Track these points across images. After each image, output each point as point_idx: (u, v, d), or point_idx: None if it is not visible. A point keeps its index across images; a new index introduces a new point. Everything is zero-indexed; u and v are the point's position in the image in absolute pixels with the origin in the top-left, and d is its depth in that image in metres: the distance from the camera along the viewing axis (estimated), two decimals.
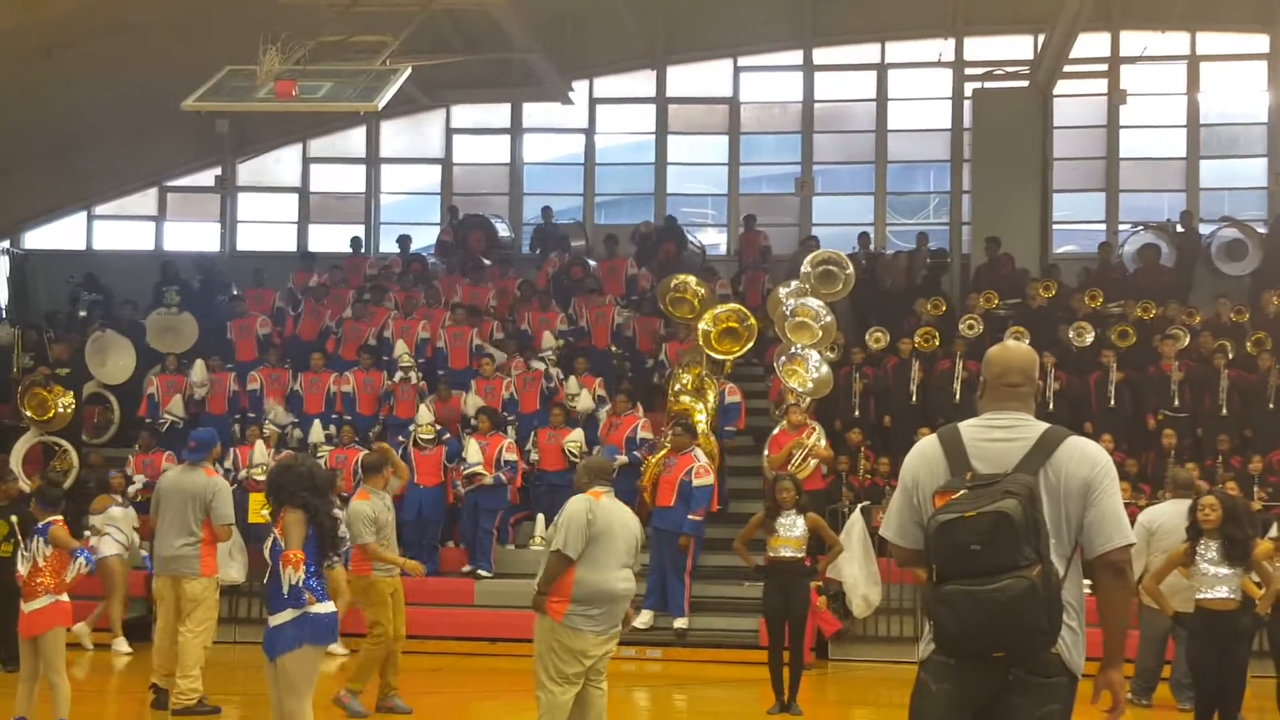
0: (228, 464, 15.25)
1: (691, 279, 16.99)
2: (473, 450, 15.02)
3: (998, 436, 4.38)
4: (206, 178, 22.68)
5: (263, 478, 13.47)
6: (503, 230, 21.20)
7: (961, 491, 4.21)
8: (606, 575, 7.29)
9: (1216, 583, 8.34)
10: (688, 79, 22.16)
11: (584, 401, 16.15)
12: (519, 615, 12.12)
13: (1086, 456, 4.33)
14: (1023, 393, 4.47)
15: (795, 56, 21.85)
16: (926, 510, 4.34)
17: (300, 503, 6.86)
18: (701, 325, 15.83)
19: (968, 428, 4.45)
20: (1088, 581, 4.39)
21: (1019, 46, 21.03)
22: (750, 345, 15.98)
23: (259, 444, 15.66)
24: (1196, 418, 15.96)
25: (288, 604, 6.80)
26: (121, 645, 13.64)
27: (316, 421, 16.25)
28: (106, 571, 13.39)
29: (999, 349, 4.63)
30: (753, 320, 15.98)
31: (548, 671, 7.27)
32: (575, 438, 15.38)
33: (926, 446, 4.51)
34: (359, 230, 22.10)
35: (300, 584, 6.77)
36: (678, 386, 15.46)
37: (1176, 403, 15.92)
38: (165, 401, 17.16)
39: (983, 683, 4.20)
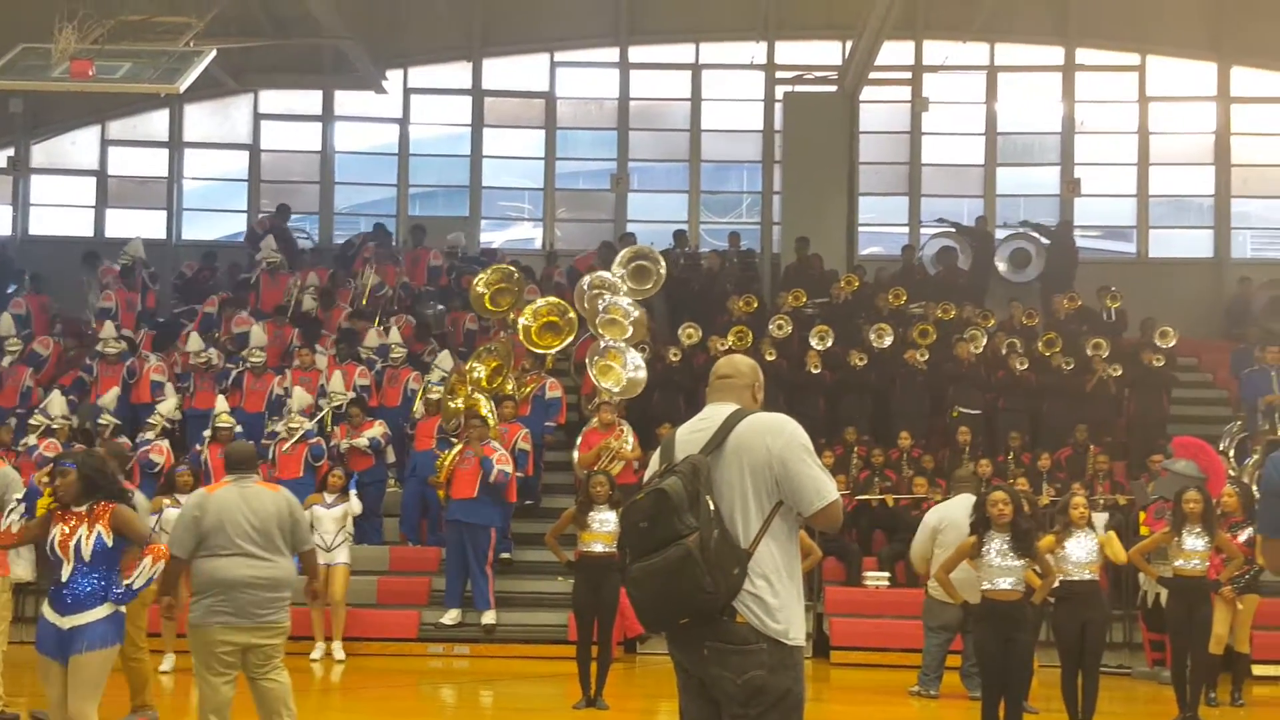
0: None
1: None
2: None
3: (697, 428, 4.69)
4: None
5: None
6: (304, 241, 20.77)
7: (653, 481, 4.54)
8: (218, 563, 7.31)
9: (1002, 574, 8.66)
10: (504, 72, 22.08)
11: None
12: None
13: (766, 430, 4.56)
14: (717, 385, 4.77)
15: (611, 54, 21.98)
16: None
17: (119, 497, 6.76)
18: (522, 321, 15.68)
19: (683, 425, 4.78)
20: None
21: (828, 52, 21.49)
22: (571, 337, 15.93)
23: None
24: (990, 415, 16.57)
25: (107, 599, 6.63)
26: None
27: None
28: None
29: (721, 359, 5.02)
30: (573, 313, 15.89)
31: (196, 664, 7.38)
32: (372, 430, 15.29)
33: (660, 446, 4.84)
34: (160, 216, 21.42)
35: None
36: (472, 377, 15.19)
37: (971, 401, 16.50)
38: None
39: (688, 657, 4.51)
